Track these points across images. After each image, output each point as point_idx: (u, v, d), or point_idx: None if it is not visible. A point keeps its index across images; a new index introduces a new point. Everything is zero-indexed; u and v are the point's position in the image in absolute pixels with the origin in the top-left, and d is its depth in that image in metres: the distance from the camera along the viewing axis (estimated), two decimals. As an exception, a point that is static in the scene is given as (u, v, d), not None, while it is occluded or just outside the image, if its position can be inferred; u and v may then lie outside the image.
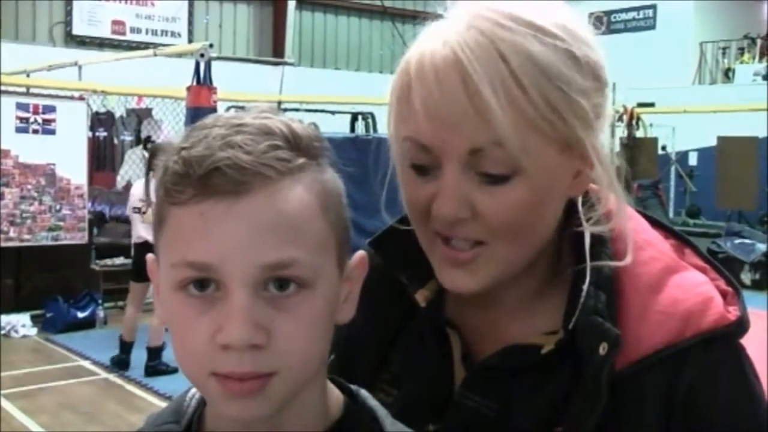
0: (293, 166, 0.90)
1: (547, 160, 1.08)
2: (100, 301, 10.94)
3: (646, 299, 1.14)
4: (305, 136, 0.94)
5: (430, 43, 1.09)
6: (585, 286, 1.14)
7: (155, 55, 12.15)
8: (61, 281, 10.62)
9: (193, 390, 1.05)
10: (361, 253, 1.03)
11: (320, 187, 0.93)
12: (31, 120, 10.90)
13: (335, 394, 1.03)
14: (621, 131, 16.70)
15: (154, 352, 8.59)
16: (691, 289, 1.14)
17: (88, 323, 10.66)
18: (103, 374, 8.84)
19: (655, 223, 1.26)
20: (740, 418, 1.11)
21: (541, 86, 1.04)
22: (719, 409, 1.11)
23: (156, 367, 8.56)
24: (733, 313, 1.13)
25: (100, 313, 10.84)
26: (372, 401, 1.05)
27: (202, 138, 0.90)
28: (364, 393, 1.06)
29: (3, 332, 10.17)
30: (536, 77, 1.04)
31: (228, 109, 11.14)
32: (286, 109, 12.07)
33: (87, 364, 9.19)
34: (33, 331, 10.36)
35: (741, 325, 1.13)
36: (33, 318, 10.56)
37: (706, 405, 1.11)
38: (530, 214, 1.10)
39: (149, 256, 0.99)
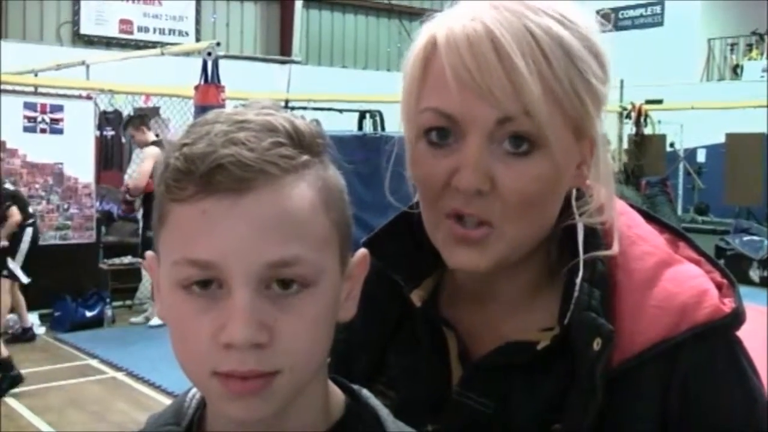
0: (297, 164, 0.90)
1: (565, 140, 1.11)
2: (108, 300, 10.94)
3: (640, 294, 1.14)
4: (308, 132, 0.93)
5: (456, 18, 1.11)
6: (578, 281, 1.14)
7: (163, 54, 12.15)
8: (69, 280, 10.61)
9: (194, 390, 1.04)
10: (362, 251, 1.02)
11: (323, 185, 0.93)
12: (39, 119, 10.92)
13: (337, 394, 1.03)
14: (629, 128, 16.69)
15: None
16: (686, 283, 1.14)
17: (96, 322, 10.67)
18: (111, 373, 8.85)
19: (648, 217, 1.26)
20: (736, 410, 1.11)
21: (565, 65, 1.08)
22: (715, 401, 1.11)
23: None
24: (728, 305, 1.13)
25: (108, 312, 10.84)
26: (374, 401, 1.04)
27: (203, 134, 0.89)
28: (365, 393, 1.05)
29: (11, 331, 10.18)
30: (561, 56, 1.08)
31: (234, 108, 11.15)
32: (293, 108, 12.09)
33: (95, 362, 9.20)
34: (41, 330, 10.38)
35: (736, 317, 1.13)
36: (41, 317, 10.57)
37: (701, 398, 1.11)
38: (545, 191, 1.12)
39: (149, 253, 0.98)
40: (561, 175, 1.12)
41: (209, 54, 9.14)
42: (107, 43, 19.59)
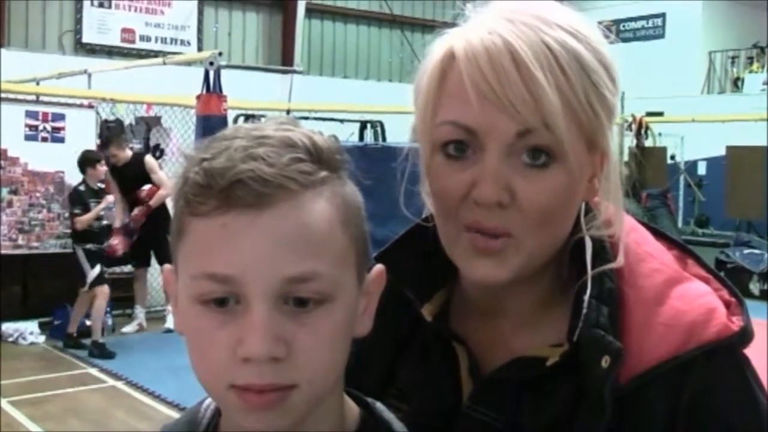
0: (315, 179, 0.91)
1: (580, 153, 1.11)
2: (108, 309, 10.91)
3: (649, 311, 1.14)
4: (327, 148, 0.94)
5: (472, 32, 1.11)
6: (586, 298, 1.14)
7: (165, 63, 12.16)
8: (70, 289, 10.59)
9: (208, 400, 1.05)
10: (379, 267, 1.03)
11: (341, 201, 0.93)
12: (41, 128, 10.93)
13: (352, 407, 1.03)
14: (630, 140, 16.68)
15: None
16: (694, 301, 1.14)
17: (97, 331, 10.65)
18: (111, 381, 8.84)
19: (657, 234, 1.26)
20: (742, 426, 1.11)
21: (581, 78, 1.09)
22: (722, 419, 1.11)
23: None
24: (737, 323, 1.13)
25: (108, 321, 10.82)
26: (388, 414, 1.05)
27: (223, 149, 0.90)
28: (380, 406, 1.06)
29: (11, 339, 10.18)
30: (577, 69, 1.09)
31: (237, 117, 11.14)
32: (295, 117, 12.06)
33: (94, 371, 9.19)
34: (41, 339, 10.38)
35: (744, 336, 1.13)
36: (41, 325, 10.57)
37: (708, 415, 1.11)
38: (563, 203, 1.12)
39: (166, 266, 0.99)
40: (576, 187, 1.13)
41: (211, 63, 9.14)
42: (109, 51, 19.56)
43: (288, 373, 0.87)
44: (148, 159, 10.81)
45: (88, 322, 10.52)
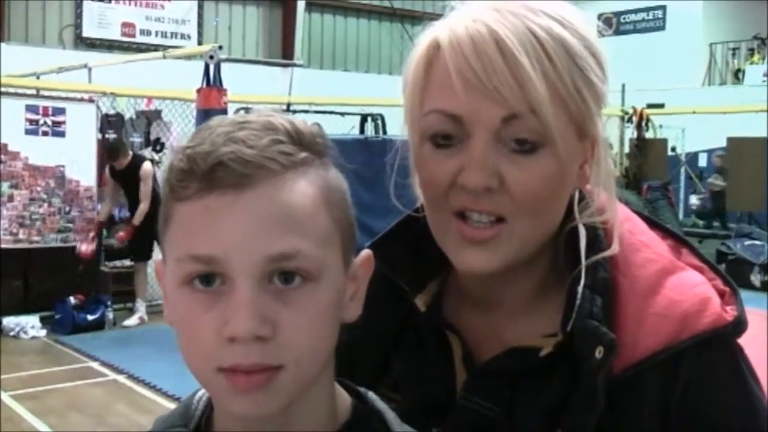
0: (296, 160, 0.92)
1: (568, 139, 1.11)
2: (109, 303, 10.94)
3: (642, 302, 1.14)
4: (308, 132, 0.95)
5: (457, 21, 1.11)
6: (580, 289, 1.15)
7: (165, 57, 12.14)
8: (70, 283, 10.62)
9: (201, 392, 1.05)
10: (366, 252, 1.03)
11: (324, 183, 0.94)
12: (41, 122, 10.92)
13: (343, 396, 1.03)
14: (631, 132, 16.68)
15: None
16: (688, 290, 1.14)
17: (97, 325, 10.66)
18: (112, 375, 8.85)
19: (651, 224, 1.26)
20: (736, 416, 1.12)
21: (567, 64, 1.09)
22: (715, 407, 1.12)
23: None
24: (731, 313, 1.13)
25: (110, 315, 10.84)
26: (380, 403, 1.05)
27: (206, 137, 0.92)
28: (371, 395, 1.06)
29: (12, 333, 10.18)
30: (563, 55, 1.09)
31: (237, 110, 11.13)
32: (295, 111, 12.07)
33: (96, 365, 9.19)
34: (42, 333, 10.37)
35: (738, 326, 1.13)
36: (42, 319, 10.57)
37: (701, 405, 1.11)
38: (553, 189, 1.12)
39: (156, 259, 1.00)
40: (566, 173, 1.13)
41: (211, 57, 9.15)
42: (109, 46, 19.59)
43: (274, 353, 0.88)
44: (145, 166, 10.74)
45: (90, 317, 10.58)
